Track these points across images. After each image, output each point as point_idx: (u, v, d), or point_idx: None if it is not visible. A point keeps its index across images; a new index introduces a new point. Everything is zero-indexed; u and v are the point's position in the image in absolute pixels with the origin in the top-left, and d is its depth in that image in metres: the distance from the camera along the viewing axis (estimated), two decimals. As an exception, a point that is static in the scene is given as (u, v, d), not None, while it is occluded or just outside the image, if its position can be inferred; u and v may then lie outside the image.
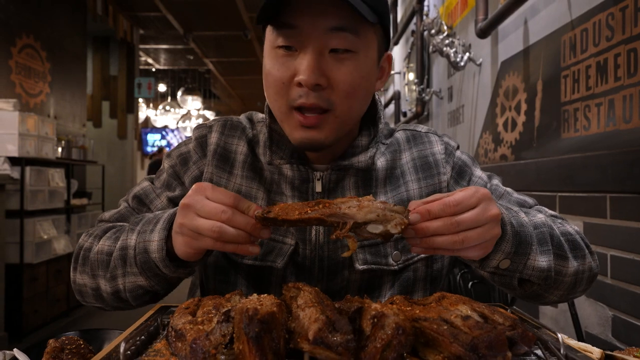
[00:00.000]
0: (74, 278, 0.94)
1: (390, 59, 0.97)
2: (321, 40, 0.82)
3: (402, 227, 0.65)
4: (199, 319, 0.60)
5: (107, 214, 1.03)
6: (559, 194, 1.77)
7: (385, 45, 0.94)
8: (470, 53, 2.67)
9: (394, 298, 0.70)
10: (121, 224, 0.97)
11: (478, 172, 1.04)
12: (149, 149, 11.87)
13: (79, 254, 0.94)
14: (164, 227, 0.81)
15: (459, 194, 0.69)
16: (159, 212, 0.88)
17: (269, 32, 0.88)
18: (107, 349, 0.55)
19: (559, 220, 0.94)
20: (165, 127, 11.43)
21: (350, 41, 0.83)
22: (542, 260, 0.80)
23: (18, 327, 3.99)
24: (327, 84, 0.83)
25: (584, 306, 1.62)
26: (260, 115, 1.07)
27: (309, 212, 0.67)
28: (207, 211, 0.72)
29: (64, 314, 4.76)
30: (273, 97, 0.88)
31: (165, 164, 1.05)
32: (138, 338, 0.62)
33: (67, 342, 0.79)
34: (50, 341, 0.80)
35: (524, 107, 2.10)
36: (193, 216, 0.73)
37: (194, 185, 0.77)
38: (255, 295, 0.62)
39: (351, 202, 0.67)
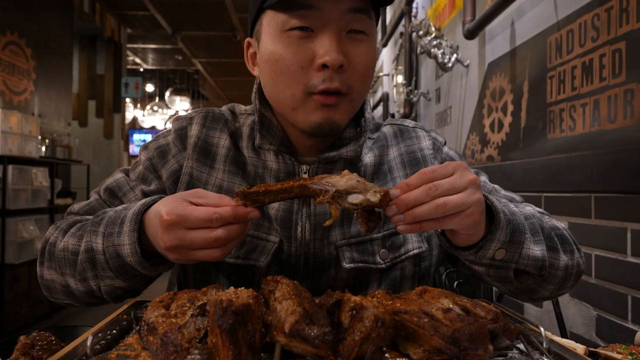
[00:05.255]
0: (41, 273, 0.91)
1: None
2: (341, 21, 0.82)
3: (381, 194, 0.66)
4: (173, 312, 0.58)
5: (76, 206, 0.99)
6: (545, 194, 1.77)
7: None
8: (457, 54, 2.68)
9: (375, 292, 0.68)
10: (87, 217, 0.94)
11: None
12: (136, 149, 11.76)
13: (44, 248, 0.90)
14: (132, 228, 0.77)
15: (434, 166, 0.70)
16: (120, 208, 0.84)
17: (276, 15, 0.83)
18: (74, 342, 0.53)
19: (546, 216, 0.94)
20: (153, 127, 11.32)
21: (365, 23, 0.84)
22: (537, 250, 0.80)
23: (-2, 329, 3.92)
24: (347, 65, 0.83)
25: (569, 306, 1.62)
26: (243, 107, 1.04)
27: (292, 182, 0.69)
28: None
29: (46, 315, 4.68)
30: (286, 84, 0.84)
31: (142, 156, 1.01)
32: (109, 332, 0.59)
33: (38, 338, 0.76)
34: (21, 337, 0.76)
35: (510, 108, 2.10)
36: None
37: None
38: (232, 288, 0.60)
39: (332, 175, 0.71)
